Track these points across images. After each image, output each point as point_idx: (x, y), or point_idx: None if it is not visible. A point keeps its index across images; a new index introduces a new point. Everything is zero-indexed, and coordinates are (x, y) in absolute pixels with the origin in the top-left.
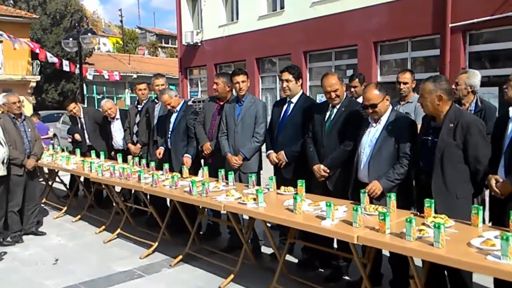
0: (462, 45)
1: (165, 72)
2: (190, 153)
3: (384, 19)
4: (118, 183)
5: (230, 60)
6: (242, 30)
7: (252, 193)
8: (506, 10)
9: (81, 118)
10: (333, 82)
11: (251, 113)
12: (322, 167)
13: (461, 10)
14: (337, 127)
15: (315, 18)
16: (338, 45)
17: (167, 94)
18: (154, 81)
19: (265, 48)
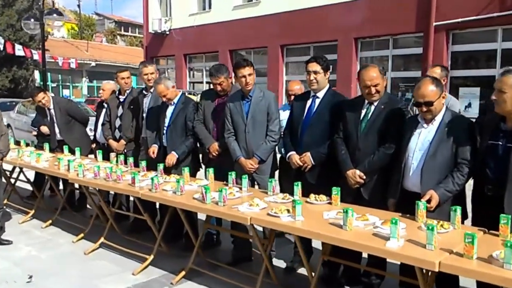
0: (445, 45)
1: (126, 61)
2: (179, 152)
3: (366, 15)
4: (106, 186)
5: (201, 51)
6: (215, 20)
7: (276, 201)
8: (491, 11)
9: (50, 110)
10: (373, 75)
11: (261, 108)
12: (358, 172)
13: (445, 9)
14: (375, 127)
15: (293, 11)
16: (317, 40)
17: (163, 84)
18: (142, 69)
19: (240, 40)
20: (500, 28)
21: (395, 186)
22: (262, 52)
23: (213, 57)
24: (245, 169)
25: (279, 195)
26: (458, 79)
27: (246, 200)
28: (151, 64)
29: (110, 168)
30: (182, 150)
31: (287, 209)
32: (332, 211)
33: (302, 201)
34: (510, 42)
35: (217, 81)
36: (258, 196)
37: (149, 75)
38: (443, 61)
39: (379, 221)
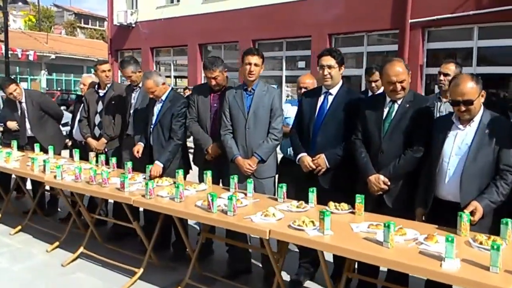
0: (421, 42)
1: (87, 54)
2: (162, 160)
3: (340, 11)
4: (89, 191)
5: (170, 45)
6: (184, 13)
7: (290, 210)
8: (467, 9)
9: (22, 103)
10: (399, 70)
11: (265, 103)
12: (382, 178)
13: (421, 6)
14: (400, 128)
15: (266, 5)
16: (291, 35)
17: (153, 79)
18: (98, 67)
19: (210, 33)
20: (476, 26)
21: (427, 194)
22: (234, 46)
23: (181, 51)
24: (242, 170)
25: (292, 202)
26: (434, 76)
27: (254, 209)
28: (106, 62)
29: (94, 170)
30: (166, 158)
31: (311, 220)
32: (362, 223)
33: (330, 212)
34: (486, 40)
35: (211, 75)
36: (267, 204)
37: (106, 72)
38: (419, 58)
39: (421, 236)
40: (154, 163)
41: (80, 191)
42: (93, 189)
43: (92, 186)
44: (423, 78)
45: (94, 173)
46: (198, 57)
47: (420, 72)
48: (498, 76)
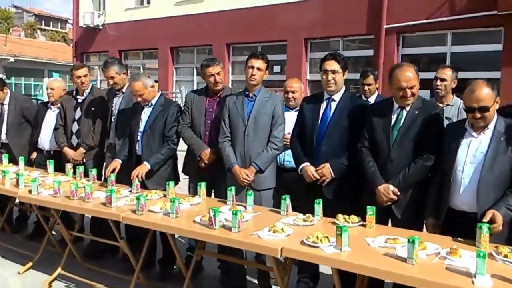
0: (396, 47)
1: (48, 57)
2: (152, 162)
3: (316, 16)
4: (71, 207)
5: (139, 48)
6: (155, 15)
7: (297, 224)
8: (441, 15)
9: (4, 105)
10: (410, 76)
11: (267, 110)
12: (392, 188)
13: (396, 12)
14: (410, 136)
15: (241, 9)
16: (266, 39)
17: (142, 81)
18: (74, 72)
19: (182, 37)
20: (449, 32)
21: (440, 204)
22: (207, 50)
23: (152, 54)
24: (238, 180)
25: (299, 216)
26: None
27: (257, 223)
28: (83, 67)
29: (75, 184)
30: (156, 160)
31: (325, 236)
32: (378, 237)
33: (347, 228)
34: (459, 46)
35: (214, 71)
36: (269, 217)
37: (82, 78)
38: (394, 63)
39: (443, 250)
40: (142, 163)
41: (60, 208)
42: (75, 204)
43: (73, 201)
44: (380, 82)
45: (75, 187)
46: (170, 60)
47: None
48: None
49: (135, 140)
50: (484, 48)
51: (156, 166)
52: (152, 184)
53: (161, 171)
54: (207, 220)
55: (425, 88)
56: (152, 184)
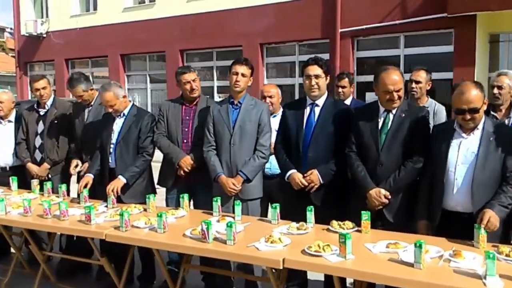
0: (351, 51)
1: None
2: (126, 176)
3: (271, 21)
4: (47, 227)
5: (87, 56)
6: (103, 22)
7: (291, 233)
8: (393, 18)
9: None
10: (396, 79)
11: (252, 118)
12: (383, 191)
13: (350, 16)
14: (399, 139)
15: (194, 14)
16: (220, 45)
17: (113, 91)
18: (33, 84)
19: (133, 43)
20: (402, 35)
21: (433, 206)
22: (160, 56)
23: (101, 62)
24: (225, 190)
25: (292, 224)
26: (364, 84)
27: (249, 234)
28: (42, 78)
29: (48, 202)
30: (131, 173)
31: (326, 244)
32: (378, 243)
33: (351, 235)
34: (412, 48)
35: (190, 78)
36: (261, 228)
37: (41, 91)
38: (350, 67)
39: (446, 253)
40: (117, 178)
41: (34, 227)
42: (49, 223)
43: (47, 220)
44: (354, 86)
45: (48, 204)
46: (120, 68)
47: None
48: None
49: (107, 153)
50: (436, 49)
51: (132, 179)
52: (128, 198)
53: (137, 184)
54: (198, 233)
55: None
56: (128, 198)
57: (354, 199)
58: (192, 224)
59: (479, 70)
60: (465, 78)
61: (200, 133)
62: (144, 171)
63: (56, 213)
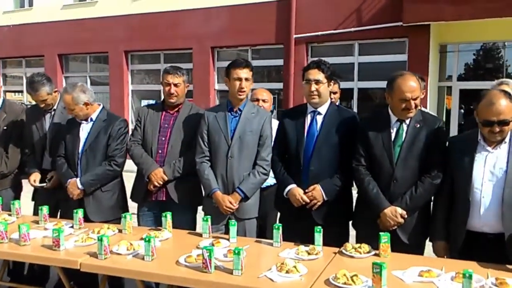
0: (306, 57)
1: None
2: (83, 181)
3: (223, 24)
4: (7, 254)
5: (21, 55)
6: (39, 19)
7: (302, 258)
8: (348, 26)
9: None
10: (414, 86)
11: (253, 128)
12: (400, 210)
13: (305, 22)
14: (415, 152)
15: (140, 14)
16: (169, 47)
17: (73, 95)
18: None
19: (73, 43)
20: (356, 43)
21: (456, 226)
22: (103, 57)
23: (36, 62)
24: (221, 208)
25: (300, 248)
26: None
27: (252, 260)
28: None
29: (5, 224)
30: (88, 180)
31: (354, 274)
32: (408, 270)
33: (386, 264)
34: (366, 56)
35: (172, 80)
36: (263, 251)
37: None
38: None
39: (488, 281)
40: (70, 180)
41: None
42: (7, 250)
43: (2, 245)
44: None
45: (4, 227)
46: (58, 69)
47: None
48: (378, 90)
49: (75, 162)
50: (390, 58)
51: (90, 188)
52: (95, 215)
53: (106, 199)
54: (195, 261)
55: None
56: (94, 214)
57: (358, 217)
58: (181, 249)
59: (432, 79)
60: None
61: (188, 141)
62: (109, 183)
63: (13, 236)
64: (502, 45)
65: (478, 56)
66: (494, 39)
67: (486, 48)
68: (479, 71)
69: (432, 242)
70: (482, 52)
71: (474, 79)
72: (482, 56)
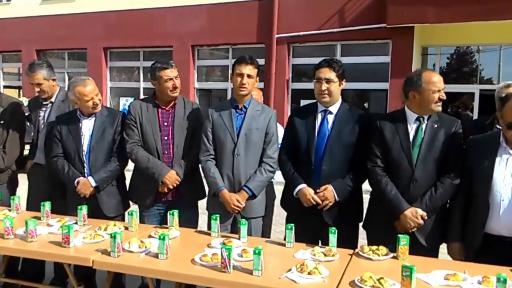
0: (287, 57)
1: None
2: (97, 178)
3: (204, 22)
4: (16, 250)
5: None
6: (17, 14)
7: (319, 259)
8: (331, 26)
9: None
10: (441, 78)
11: (259, 125)
12: (420, 212)
13: (287, 22)
14: (434, 152)
15: (120, 11)
16: (149, 45)
17: (93, 83)
18: None
19: (50, 39)
20: (339, 44)
21: (474, 228)
22: (81, 54)
23: (13, 57)
24: (228, 207)
25: (316, 249)
26: (299, 91)
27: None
28: None
29: (11, 219)
30: (102, 177)
31: (380, 277)
32: (432, 273)
33: (415, 266)
34: (348, 57)
35: (172, 74)
36: (275, 251)
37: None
38: (286, 73)
39: None
40: (83, 177)
41: (3, 252)
42: (13, 246)
43: (8, 241)
44: (289, 92)
45: (10, 222)
46: None
47: (286, 86)
48: (360, 92)
49: (81, 160)
50: (372, 60)
51: (103, 185)
52: (112, 211)
53: (115, 194)
54: (210, 260)
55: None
56: (112, 211)
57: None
58: (192, 248)
59: None
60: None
61: (190, 138)
62: (114, 179)
63: (18, 232)
64: (476, 49)
65: (456, 59)
66: (474, 42)
67: (461, 51)
68: (454, 74)
69: (448, 243)
70: (458, 56)
71: (454, 82)
72: (458, 59)
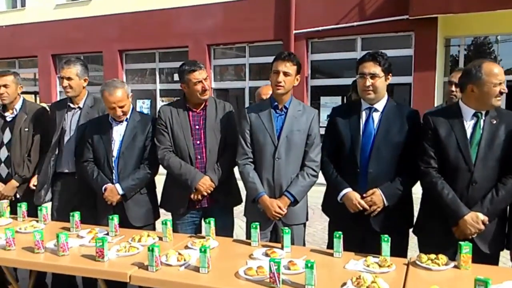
0: (305, 53)
1: None
2: (124, 186)
3: (219, 21)
4: (48, 266)
5: (13, 56)
6: (32, 19)
7: (373, 271)
8: (350, 20)
9: None
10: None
11: (301, 127)
12: (482, 217)
13: (304, 17)
14: (494, 151)
15: (135, 12)
16: (164, 46)
17: (122, 89)
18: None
19: (66, 43)
20: (359, 38)
21: None
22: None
23: (30, 63)
24: (268, 213)
25: (368, 259)
26: (319, 88)
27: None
28: (7, 74)
29: (41, 232)
30: (129, 185)
31: None
32: (505, 283)
33: (490, 280)
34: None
35: (201, 76)
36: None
37: (1, 88)
38: (304, 70)
39: None
40: (109, 185)
41: (22, 266)
42: (44, 261)
43: (38, 256)
44: (309, 89)
45: (41, 236)
46: (52, 69)
47: (306, 83)
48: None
49: (110, 166)
50: (395, 53)
51: (130, 194)
52: (139, 221)
53: (145, 202)
54: (256, 273)
55: (337, 94)
56: (138, 221)
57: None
58: (233, 259)
59: (439, 74)
60: (426, 83)
61: (223, 141)
62: (143, 187)
63: (48, 245)
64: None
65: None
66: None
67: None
68: None
69: (511, 250)
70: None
71: None
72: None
